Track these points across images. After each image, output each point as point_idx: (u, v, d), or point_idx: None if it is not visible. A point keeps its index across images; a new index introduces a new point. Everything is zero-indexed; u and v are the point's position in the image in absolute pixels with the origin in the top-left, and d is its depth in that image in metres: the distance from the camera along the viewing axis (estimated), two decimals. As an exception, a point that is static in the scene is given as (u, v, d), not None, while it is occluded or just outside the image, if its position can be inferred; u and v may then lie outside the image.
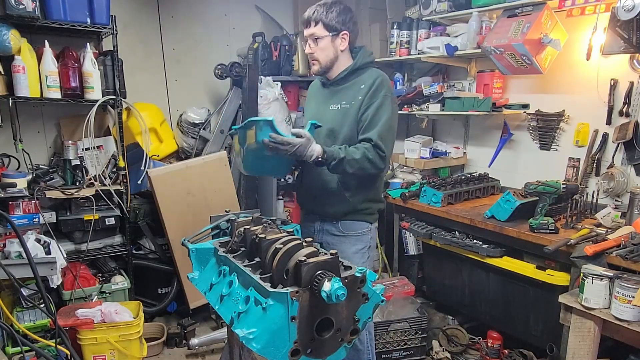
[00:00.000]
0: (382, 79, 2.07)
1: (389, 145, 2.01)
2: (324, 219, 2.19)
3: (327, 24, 2.05)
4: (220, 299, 1.46)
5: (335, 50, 2.09)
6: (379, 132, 1.97)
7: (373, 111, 2.00)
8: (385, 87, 2.05)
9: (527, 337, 2.63)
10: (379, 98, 2.01)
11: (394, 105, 2.06)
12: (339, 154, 1.93)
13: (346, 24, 2.08)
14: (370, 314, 1.38)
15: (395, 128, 2.06)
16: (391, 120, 2.02)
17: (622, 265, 2.04)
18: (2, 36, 2.56)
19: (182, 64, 3.72)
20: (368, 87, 2.04)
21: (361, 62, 2.12)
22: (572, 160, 2.94)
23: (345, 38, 2.09)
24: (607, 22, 2.49)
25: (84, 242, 2.98)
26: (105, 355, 2.61)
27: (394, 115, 2.04)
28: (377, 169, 1.98)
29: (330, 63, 2.12)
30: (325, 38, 2.07)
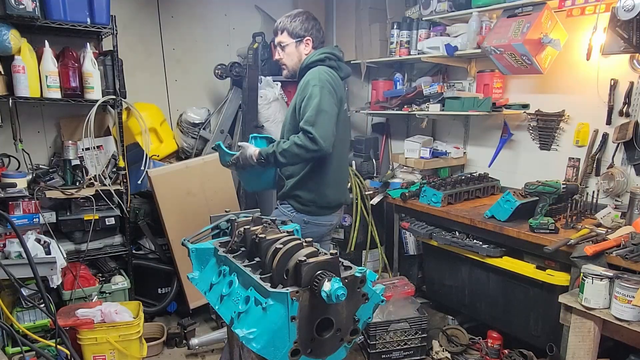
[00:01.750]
0: (313, 71, 2.19)
1: (322, 126, 2.06)
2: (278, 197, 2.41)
3: (291, 31, 2.30)
4: (220, 299, 1.46)
5: (299, 54, 2.32)
6: (307, 118, 2.08)
7: (305, 102, 2.13)
8: (314, 78, 2.15)
9: (527, 337, 2.63)
10: (308, 90, 2.14)
11: (325, 92, 2.12)
12: (270, 149, 2.13)
13: (309, 31, 2.30)
14: (370, 313, 1.38)
15: (328, 111, 2.11)
16: (320, 105, 2.08)
17: (622, 265, 2.04)
18: (2, 36, 2.56)
19: (182, 64, 3.72)
20: (301, 84, 2.22)
21: (307, 61, 2.28)
22: (572, 160, 2.94)
23: (309, 44, 2.31)
24: (607, 22, 2.49)
25: (84, 242, 2.98)
26: (105, 355, 2.61)
27: (323, 99, 2.10)
28: (311, 151, 2.06)
29: (297, 67, 2.35)
30: (290, 44, 2.31)
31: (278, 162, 2.14)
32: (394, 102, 3.63)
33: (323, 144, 2.05)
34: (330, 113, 2.11)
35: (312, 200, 2.29)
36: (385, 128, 4.19)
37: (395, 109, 3.60)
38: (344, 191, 2.49)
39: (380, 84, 3.85)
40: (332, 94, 2.15)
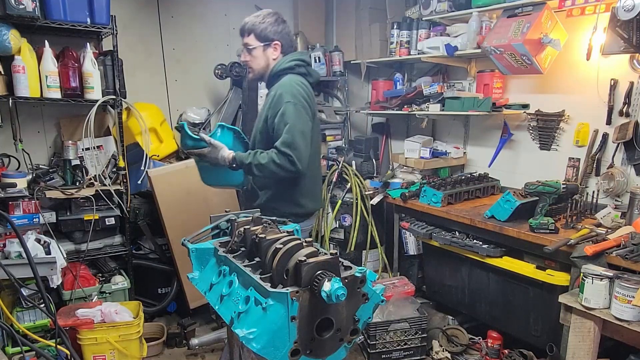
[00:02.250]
0: (287, 86, 2.12)
1: (299, 148, 2.03)
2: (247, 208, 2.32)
3: (259, 34, 2.20)
4: (220, 299, 1.46)
5: (267, 59, 2.24)
6: (283, 140, 2.03)
7: (278, 119, 2.08)
8: (289, 94, 2.09)
9: (527, 337, 2.63)
10: (281, 105, 2.08)
11: (300, 110, 2.09)
12: (246, 160, 2.07)
13: (278, 34, 2.21)
14: (370, 313, 1.37)
15: (305, 131, 2.08)
16: (296, 125, 2.05)
17: (622, 265, 2.04)
18: (2, 36, 2.56)
19: (182, 64, 3.72)
20: (273, 95, 2.14)
21: (277, 69, 2.21)
22: (572, 160, 2.94)
23: (277, 48, 2.22)
24: (607, 22, 2.49)
25: (84, 242, 2.98)
26: (105, 355, 2.61)
27: (299, 118, 2.07)
28: (289, 172, 2.04)
29: (263, 71, 2.26)
30: (258, 48, 2.22)
31: (251, 172, 2.11)
32: (394, 102, 3.63)
33: (300, 165, 2.04)
34: (306, 133, 2.09)
35: (290, 212, 2.24)
36: (385, 128, 4.19)
37: (395, 109, 3.60)
38: (319, 198, 2.44)
39: (380, 84, 3.85)
40: (306, 109, 2.12)
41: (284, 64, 2.21)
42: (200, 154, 2.14)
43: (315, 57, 4.00)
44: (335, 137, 4.27)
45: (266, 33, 2.20)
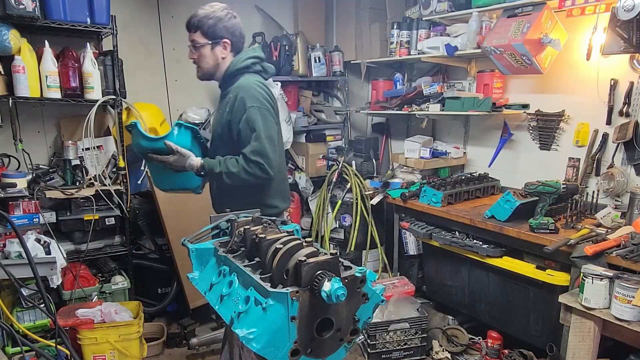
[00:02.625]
0: (248, 89, 2.01)
1: (270, 155, 1.97)
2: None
3: (206, 32, 2.03)
4: (220, 299, 1.46)
5: (215, 58, 2.09)
6: (254, 148, 1.95)
7: (243, 126, 1.98)
8: (251, 97, 1.99)
9: (527, 337, 2.63)
10: (245, 111, 1.98)
11: (265, 114, 2.00)
12: (216, 168, 1.99)
13: (227, 32, 2.06)
14: (370, 313, 1.37)
15: (272, 136, 2.02)
16: (264, 132, 1.97)
17: (622, 265, 2.04)
18: (2, 36, 2.56)
19: (182, 64, 3.72)
20: (234, 98, 2.02)
21: (233, 68, 2.09)
22: (572, 160, 2.94)
23: (226, 47, 2.07)
24: (607, 22, 2.49)
25: (84, 242, 2.98)
26: (105, 355, 2.61)
27: (265, 124, 1.99)
28: (260, 178, 1.98)
29: (212, 70, 2.12)
30: (205, 46, 2.06)
31: (220, 180, 2.03)
32: (394, 102, 3.63)
33: (271, 172, 1.98)
34: (274, 138, 2.03)
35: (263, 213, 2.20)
36: (385, 128, 4.19)
37: (395, 109, 3.60)
38: (288, 196, 2.34)
39: (380, 84, 3.85)
40: (270, 112, 2.04)
41: (239, 64, 2.09)
42: (165, 161, 2.01)
43: (315, 57, 4.00)
44: (335, 137, 4.28)
45: (214, 30, 2.04)
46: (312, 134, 4.14)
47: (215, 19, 2.02)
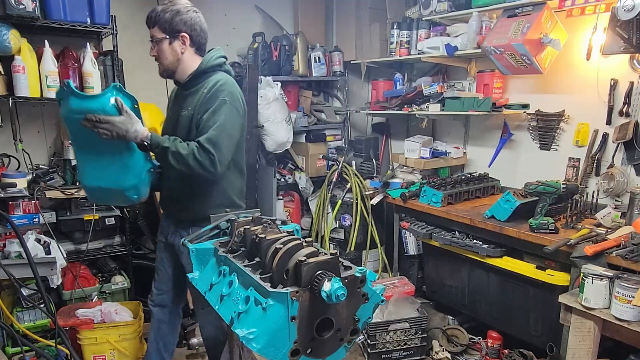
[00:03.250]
0: (223, 83, 1.98)
1: (224, 150, 1.90)
2: (178, 222, 2.15)
3: (163, 26, 1.98)
4: (220, 299, 1.46)
5: (174, 53, 2.01)
6: (209, 136, 1.87)
7: (208, 115, 1.92)
8: (224, 91, 1.95)
9: (527, 337, 2.63)
10: (215, 103, 1.93)
11: (233, 111, 1.96)
12: (164, 142, 1.86)
13: (185, 26, 1.99)
14: (370, 313, 1.37)
15: (233, 134, 1.96)
16: (226, 126, 1.92)
17: (622, 265, 2.04)
18: (2, 36, 2.56)
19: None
20: (207, 92, 1.97)
21: (206, 65, 2.04)
22: (572, 160, 2.94)
23: (185, 41, 2.01)
24: (607, 22, 2.49)
25: (84, 242, 2.98)
26: (105, 355, 2.61)
27: (230, 120, 1.93)
28: (206, 171, 1.88)
29: (173, 66, 2.04)
30: (164, 41, 1.99)
31: (165, 159, 1.87)
32: (394, 102, 3.63)
33: (220, 169, 1.90)
34: (234, 138, 1.97)
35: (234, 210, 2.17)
36: (385, 128, 4.19)
37: (395, 109, 3.60)
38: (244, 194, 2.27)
39: (380, 84, 3.85)
40: (239, 112, 2.00)
41: (212, 61, 2.05)
42: (110, 121, 1.77)
43: (315, 57, 4.00)
44: (335, 137, 4.28)
45: (172, 24, 1.97)
46: (312, 134, 4.14)
47: (173, 13, 1.97)
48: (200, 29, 2.05)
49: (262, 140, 3.65)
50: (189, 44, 2.02)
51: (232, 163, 2.10)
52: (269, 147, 3.68)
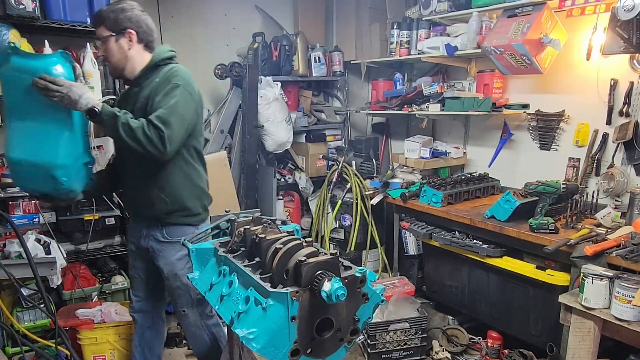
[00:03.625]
0: (176, 70, 1.98)
1: (174, 129, 1.85)
2: (150, 224, 2.11)
3: (108, 24, 1.96)
4: (220, 299, 1.46)
5: (121, 50, 1.99)
6: (159, 114, 1.83)
7: (160, 97, 1.90)
8: (177, 76, 1.95)
9: (527, 337, 2.63)
10: (167, 86, 1.92)
11: (186, 94, 1.93)
12: (115, 111, 1.82)
13: (131, 23, 1.98)
14: (370, 313, 1.37)
15: (185, 116, 1.91)
16: (178, 107, 1.88)
17: (622, 265, 2.04)
18: (2, 36, 2.56)
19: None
20: (160, 81, 1.96)
21: (158, 59, 2.03)
22: (572, 160, 2.94)
23: (132, 38, 1.99)
24: (607, 22, 2.49)
25: (84, 242, 2.97)
26: (105, 355, 2.61)
27: (182, 102, 1.90)
28: (155, 148, 1.82)
29: (121, 63, 2.02)
30: (110, 39, 1.97)
31: (115, 130, 1.81)
32: (394, 102, 3.63)
33: (169, 148, 1.84)
34: (186, 120, 1.92)
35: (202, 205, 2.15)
36: (385, 128, 4.19)
37: (395, 109, 3.60)
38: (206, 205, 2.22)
39: (380, 84, 3.85)
40: (192, 97, 1.97)
41: (164, 54, 2.05)
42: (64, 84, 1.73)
43: (315, 57, 4.00)
44: (335, 137, 4.28)
45: (116, 21, 1.95)
46: (312, 134, 4.14)
47: (118, 11, 1.97)
48: (146, 26, 2.03)
49: (262, 140, 3.65)
50: (136, 41, 2.00)
51: (195, 151, 2.10)
52: (269, 147, 3.68)
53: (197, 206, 2.12)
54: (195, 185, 2.11)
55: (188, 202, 2.08)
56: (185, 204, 2.08)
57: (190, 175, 2.08)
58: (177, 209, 2.06)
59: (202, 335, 2.26)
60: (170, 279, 2.14)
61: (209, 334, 2.27)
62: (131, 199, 2.18)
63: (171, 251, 2.10)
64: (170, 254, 2.11)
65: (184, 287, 2.14)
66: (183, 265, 2.12)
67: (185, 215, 2.09)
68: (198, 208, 2.13)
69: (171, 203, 2.05)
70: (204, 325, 2.25)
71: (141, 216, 2.16)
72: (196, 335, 2.26)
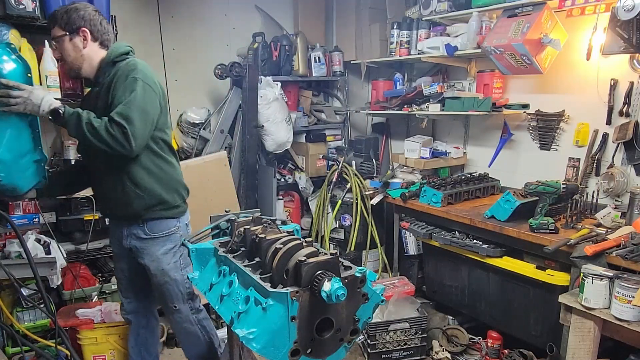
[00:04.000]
0: (134, 64, 1.95)
1: (137, 124, 1.82)
2: (130, 223, 2.10)
3: (61, 24, 1.95)
4: (220, 299, 1.46)
5: (76, 49, 1.97)
6: (119, 110, 1.81)
7: (119, 93, 1.87)
8: (135, 70, 1.91)
9: (527, 337, 2.63)
10: (126, 81, 1.89)
11: (146, 87, 1.90)
12: (78, 111, 1.81)
13: (84, 21, 1.96)
14: (370, 313, 1.38)
15: (147, 110, 1.89)
16: (138, 101, 1.85)
17: (622, 265, 2.04)
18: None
19: (182, 64, 3.72)
20: (119, 75, 1.93)
21: (114, 55, 2.00)
22: (572, 160, 2.94)
23: (86, 36, 1.97)
24: (607, 22, 2.49)
25: (84, 242, 2.97)
26: (105, 355, 2.61)
27: (142, 96, 1.87)
28: (120, 145, 1.80)
29: (78, 63, 2.00)
30: (64, 38, 1.96)
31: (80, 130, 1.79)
32: (394, 102, 3.63)
33: (135, 144, 1.81)
34: (149, 114, 1.90)
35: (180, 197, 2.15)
36: (385, 128, 4.19)
37: (395, 109, 3.60)
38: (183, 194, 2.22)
39: (380, 84, 3.85)
40: (153, 90, 1.94)
41: (120, 49, 2.02)
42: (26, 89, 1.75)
43: (315, 57, 4.00)
44: (335, 137, 4.28)
45: (69, 20, 1.94)
46: (312, 134, 4.14)
47: (71, 10, 1.95)
48: (100, 24, 2.01)
49: (262, 140, 3.65)
50: (90, 39, 1.98)
51: (164, 144, 2.09)
52: (269, 147, 3.68)
53: (175, 198, 2.11)
54: (170, 177, 2.10)
55: (165, 195, 2.07)
56: (163, 197, 2.07)
57: (163, 168, 2.07)
58: (155, 203, 2.05)
59: (194, 330, 2.26)
60: (157, 275, 2.13)
61: (201, 328, 2.28)
62: (107, 201, 2.15)
63: (155, 247, 2.10)
64: (154, 249, 2.10)
65: (173, 281, 2.14)
66: (169, 260, 2.12)
67: (165, 209, 2.08)
68: (176, 200, 2.12)
69: (148, 198, 2.03)
70: (195, 320, 2.26)
71: (120, 217, 2.14)
72: (189, 332, 2.26)
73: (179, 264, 2.17)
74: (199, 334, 2.28)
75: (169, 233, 2.12)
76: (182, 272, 2.17)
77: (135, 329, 2.36)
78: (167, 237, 2.12)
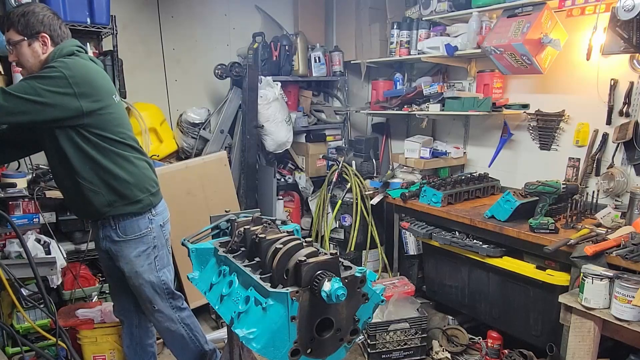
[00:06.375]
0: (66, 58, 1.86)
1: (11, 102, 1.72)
2: (103, 224, 2.06)
3: (19, 28, 1.87)
4: (220, 299, 1.46)
5: (35, 54, 1.90)
6: (12, 85, 1.76)
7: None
8: (58, 60, 1.84)
9: (527, 337, 2.63)
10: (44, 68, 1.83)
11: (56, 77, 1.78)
12: None
13: (44, 26, 1.89)
14: (370, 313, 1.38)
15: (43, 95, 1.76)
16: (37, 82, 1.76)
17: (622, 265, 2.04)
18: (2, 36, 2.56)
19: (182, 64, 3.73)
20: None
21: (58, 56, 1.90)
22: (572, 160, 2.94)
23: (46, 42, 1.90)
24: (607, 22, 2.49)
25: (84, 242, 2.97)
26: (105, 355, 2.61)
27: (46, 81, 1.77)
28: None
29: (37, 68, 1.92)
30: (22, 43, 1.88)
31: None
32: (394, 102, 3.63)
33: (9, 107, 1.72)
34: (43, 97, 1.76)
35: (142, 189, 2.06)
36: (385, 128, 4.19)
37: (395, 109, 3.60)
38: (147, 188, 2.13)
39: (380, 84, 3.85)
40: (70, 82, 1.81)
41: (66, 49, 1.91)
42: None
43: (315, 57, 4.00)
44: (335, 137, 4.28)
45: (28, 24, 1.86)
46: (312, 134, 4.15)
47: (28, 14, 1.87)
48: (61, 30, 1.95)
49: (262, 140, 3.65)
50: (50, 44, 1.92)
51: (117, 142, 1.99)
52: (269, 147, 3.68)
53: (134, 193, 2.03)
54: (126, 171, 2.00)
55: (123, 190, 2.00)
56: (121, 192, 2.00)
57: (115, 162, 1.97)
58: (114, 198, 1.99)
59: (177, 329, 2.25)
60: (132, 277, 2.11)
61: (184, 326, 2.26)
62: (69, 199, 2.12)
63: (128, 249, 2.08)
64: (127, 252, 2.08)
65: (148, 283, 2.12)
66: (143, 262, 2.10)
67: (128, 204, 2.02)
68: (137, 194, 2.03)
69: (106, 193, 1.98)
70: (178, 319, 2.24)
71: (88, 215, 2.11)
72: (172, 331, 2.24)
73: (154, 266, 2.14)
74: (182, 333, 2.26)
75: (140, 235, 2.09)
76: (159, 274, 2.15)
77: (128, 328, 2.35)
78: (139, 239, 2.09)
